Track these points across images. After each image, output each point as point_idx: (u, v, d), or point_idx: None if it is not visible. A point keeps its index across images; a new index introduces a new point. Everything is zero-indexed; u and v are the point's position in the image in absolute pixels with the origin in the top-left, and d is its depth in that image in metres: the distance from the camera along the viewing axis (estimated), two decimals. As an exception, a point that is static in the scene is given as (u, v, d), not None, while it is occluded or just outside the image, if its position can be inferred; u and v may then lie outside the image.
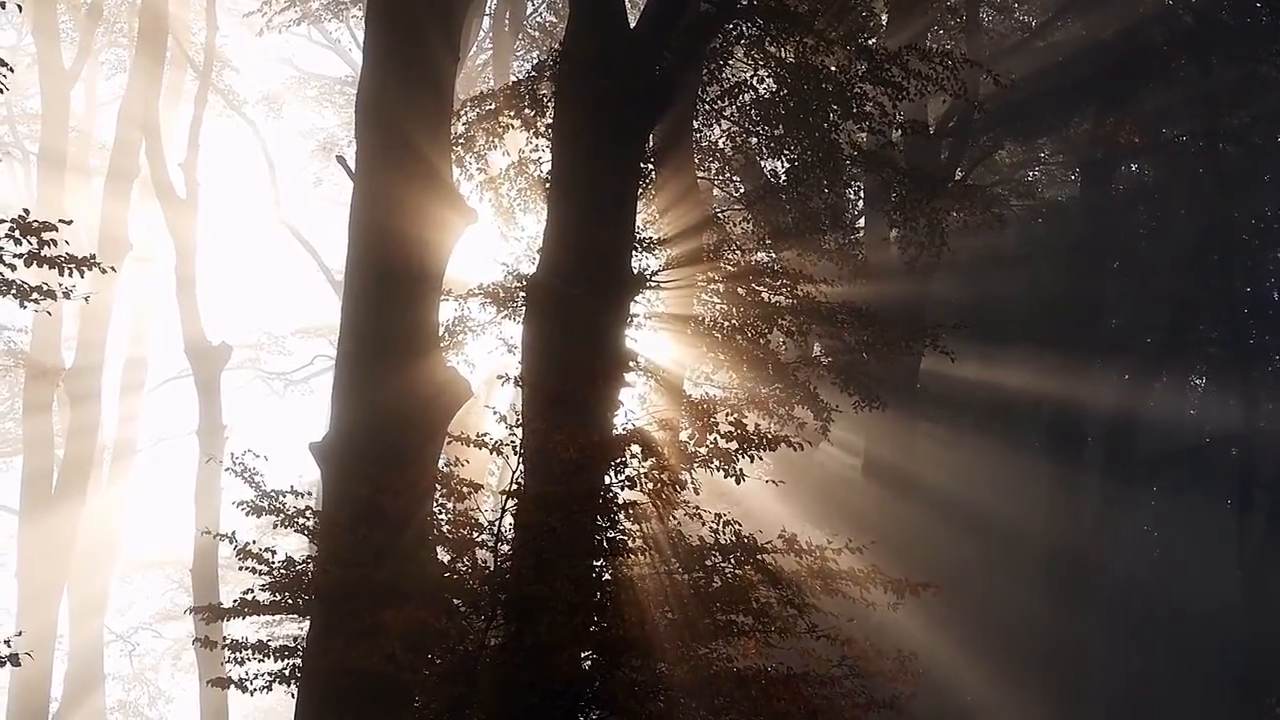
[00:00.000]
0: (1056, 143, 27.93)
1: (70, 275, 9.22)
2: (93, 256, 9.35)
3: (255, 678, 11.12)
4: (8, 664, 9.42)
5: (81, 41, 30.90)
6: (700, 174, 17.23)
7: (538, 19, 30.82)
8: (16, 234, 9.08)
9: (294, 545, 23.18)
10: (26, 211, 9.19)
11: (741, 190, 18.81)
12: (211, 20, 30.60)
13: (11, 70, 9.60)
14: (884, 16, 20.48)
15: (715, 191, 19.98)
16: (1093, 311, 25.58)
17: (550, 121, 14.53)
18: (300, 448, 11.80)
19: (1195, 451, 27.35)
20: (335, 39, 37.01)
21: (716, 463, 11.23)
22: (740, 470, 11.27)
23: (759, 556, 10.78)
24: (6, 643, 9.59)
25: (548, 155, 15.49)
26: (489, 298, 14.84)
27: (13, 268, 9.31)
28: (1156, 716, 24.51)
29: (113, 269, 10.06)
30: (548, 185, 14.20)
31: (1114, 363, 26.29)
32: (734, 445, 11.27)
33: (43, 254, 9.10)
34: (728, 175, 18.40)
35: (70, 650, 29.78)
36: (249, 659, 11.14)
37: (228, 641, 10.99)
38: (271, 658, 11.06)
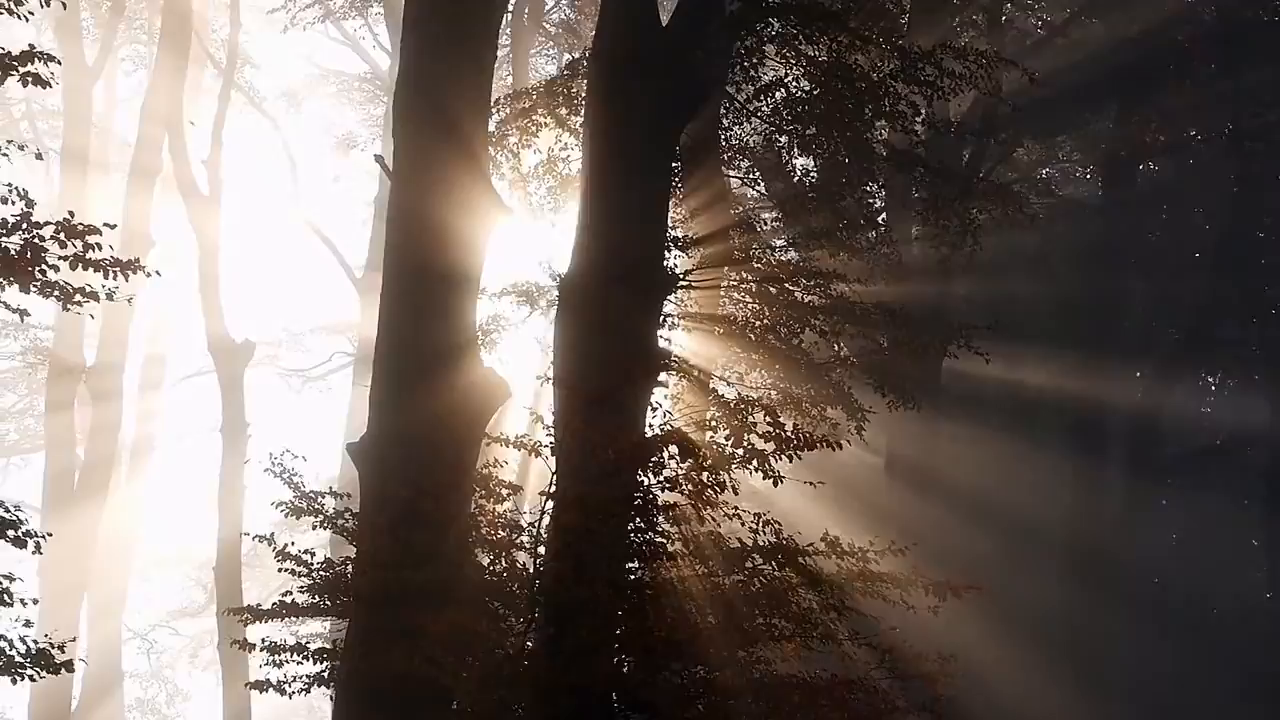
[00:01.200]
0: (1077, 141, 27.80)
1: (115, 278, 9.19)
2: (137, 260, 9.31)
3: (294, 680, 11.07)
4: (62, 670, 9.38)
5: (103, 38, 30.89)
6: (729, 173, 17.17)
7: (557, 14, 30.82)
8: (61, 236, 9.06)
9: (312, 541, 23.22)
10: (71, 214, 9.16)
11: (771, 189, 18.74)
12: (235, 17, 30.60)
13: (60, 63, 9.57)
14: (904, 18, 20.37)
15: (745, 191, 19.89)
16: (1114, 310, 25.44)
17: (582, 120, 14.47)
18: (318, 445, 11.79)
19: (1218, 450, 27.21)
20: (358, 37, 37.06)
21: (755, 464, 11.13)
22: (779, 472, 11.19)
23: (801, 559, 10.71)
24: (60, 648, 9.54)
25: (577, 154, 15.44)
26: (521, 296, 14.80)
27: (55, 269, 9.28)
28: (1182, 713, 24.41)
29: (158, 273, 10.02)
30: (578, 184, 14.14)
31: (1136, 362, 26.16)
32: (771, 446, 11.20)
33: (88, 257, 9.07)
34: (756, 175, 18.32)
35: (89, 648, 29.77)
36: (286, 661, 11.09)
37: (267, 644, 10.94)
38: (311, 660, 11.01)
